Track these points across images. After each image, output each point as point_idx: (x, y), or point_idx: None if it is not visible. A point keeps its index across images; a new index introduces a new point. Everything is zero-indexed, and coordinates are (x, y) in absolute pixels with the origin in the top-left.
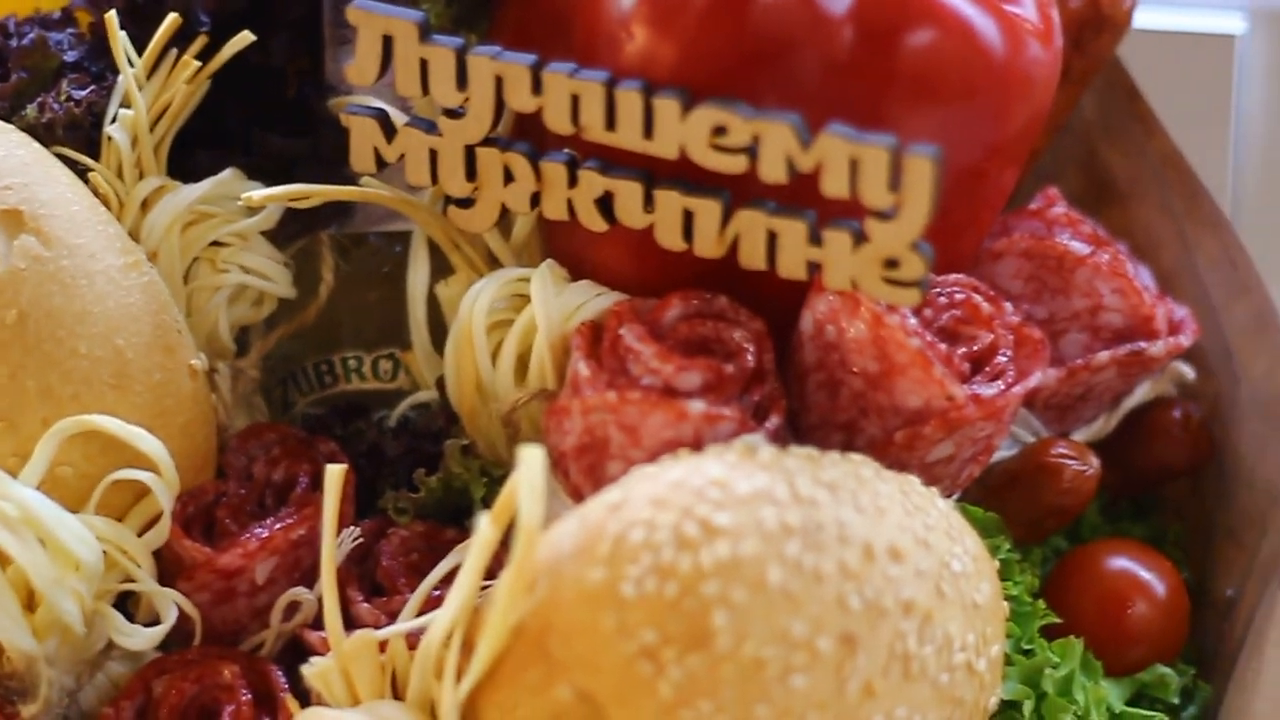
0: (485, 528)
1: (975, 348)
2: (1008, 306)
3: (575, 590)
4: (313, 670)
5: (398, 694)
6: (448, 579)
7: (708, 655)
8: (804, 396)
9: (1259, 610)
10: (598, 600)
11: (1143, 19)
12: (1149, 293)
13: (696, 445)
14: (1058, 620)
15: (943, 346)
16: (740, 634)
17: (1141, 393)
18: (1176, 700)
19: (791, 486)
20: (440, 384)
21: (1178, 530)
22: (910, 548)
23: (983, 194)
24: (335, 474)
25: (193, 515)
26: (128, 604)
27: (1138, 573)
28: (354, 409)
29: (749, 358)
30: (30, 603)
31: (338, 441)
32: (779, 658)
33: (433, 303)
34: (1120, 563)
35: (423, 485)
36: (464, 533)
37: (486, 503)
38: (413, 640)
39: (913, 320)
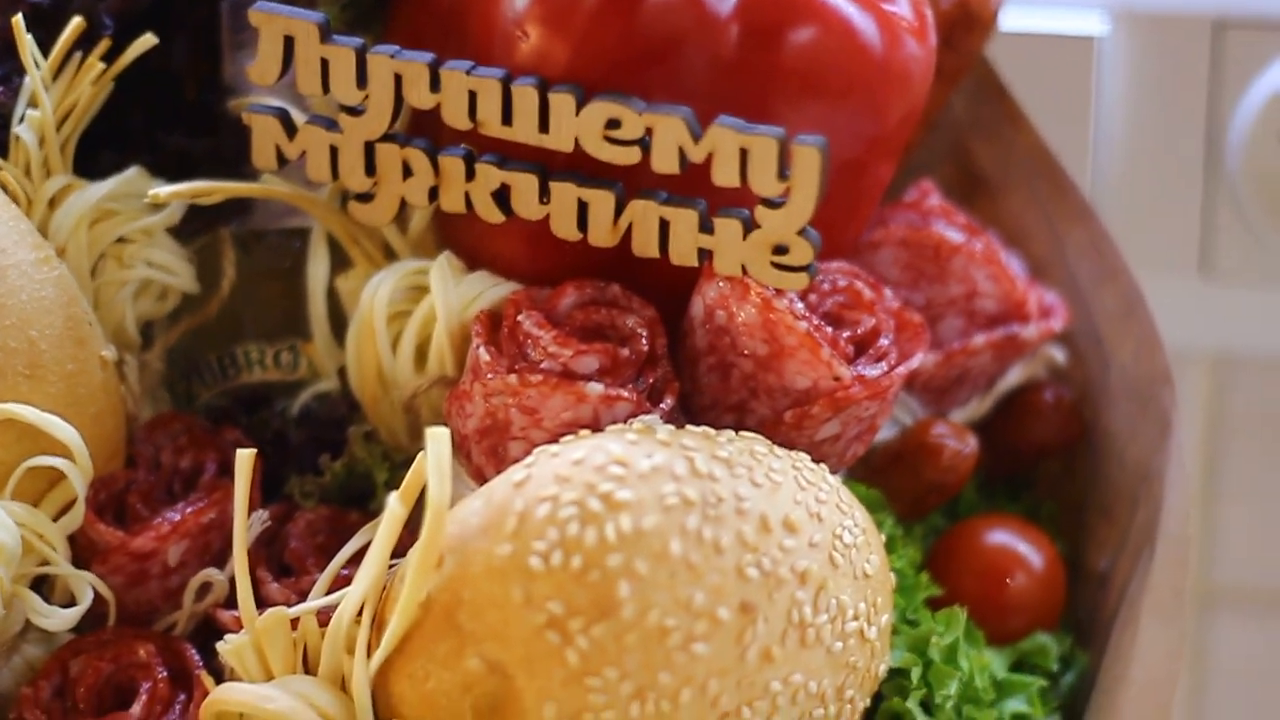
0: (394, 505)
1: (859, 331)
2: (888, 292)
3: (483, 565)
4: (227, 647)
5: (310, 669)
6: (355, 559)
7: (613, 625)
8: (696, 380)
9: (1132, 582)
10: (505, 574)
11: (1007, 20)
12: (1021, 279)
13: (595, 426)
14: (940, 592)
15: (829, 330)
16: (644, 604)
17: (1015, 376)
18: (1055, 668)
19: (690, 463)
20: (341, 373)
21: (1052, 507)
22: (804, 520)
23: (862, 186)
24: (245, 457)
25: (104, 501)
26: (43, 588)
27: (1016, 546)
28: (257, 399)
29: (643, 343)
30: None
31: (242, 430)
32: (682, 626)
33: (332, 296)
34: (999, 536)
35: (327, 470)
36: (369, 516)
37: (390, 486)
38: (323, 617)
39: (800, 305)
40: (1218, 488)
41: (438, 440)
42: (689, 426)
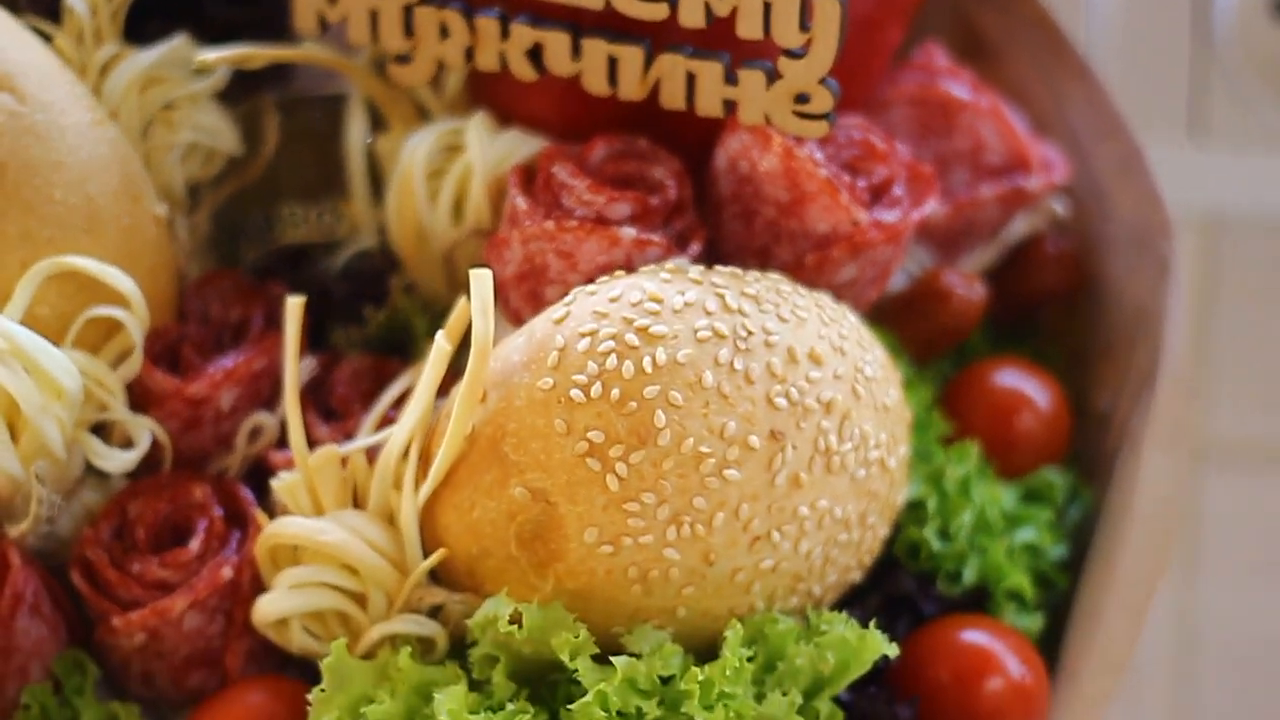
0: (441, 342)
1: (873, 180)
2: (899, 146)
3: (526, 397)
4: (281, 484)
5: (359, 505)
6: (398, 403)
7: (651, 452)
8: (720, 227)
9: (1133, 418)
10: (548, 405)
11: None
12: (1025, 135)
13: (628, 268)
14: (952, 431)
15: (846, 178)
16: (679, 432)
17: (1019, 227)
18: (1062, 501)
19: (720, 299)
20: (381, 231)
21: (1055, 352)
22: (828, 353)
23: (875, 44)
24: (295, 304)
25: (159, 352)
26: (101, 435)
27: (1023, 385)
28: (300, 258)
29: (670, 192)
30: (14, 432)
31: (287, 286)
32: (715, 453)
33: (370, 158)
34: (1007, 377)
35: (369, 321)
36: (410, 364)
37: (429, 336)
38: (371, 455)
39: (819, 153)
40: (1208, 346)
41: (481, 280)
42: (719, 267)
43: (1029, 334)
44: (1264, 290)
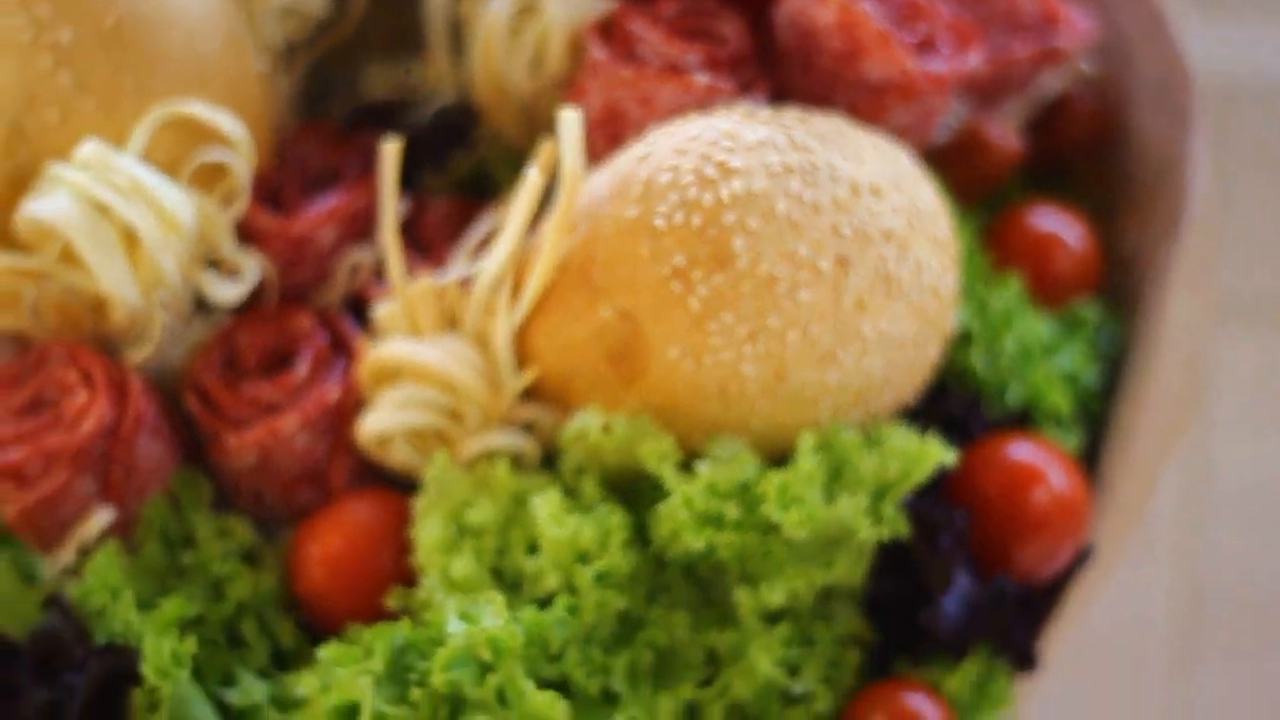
0: (533, 175)
1: (920, 35)
2: (942, 4)
3: (613, 226)
4: (382, 312)
5: (454, 332)
6: (486, 240)
7: (729, 274)
8: (781, 78)
9: (1155, 259)
10: (634, 233)
11: None
12: None
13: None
14: (993, 267)
15: (897, 32)
16: (756, 256)
17: (1049, 83)
18: (1094, 333)
19: (789, 137)
20: (463, 86)
21: (1085, 200)
22: (887, 187)
23: None
24: (391, 147)
25: (263, 195)
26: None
27: (1057, 225)
28: (386, 113)
29: (735, 44)
30: (134, 265)
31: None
32: (788, 276)
33: (451, 19)
34: (1042, 218)
35: (455, 168)
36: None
37: (511, 182)
38: (465, 287)
39: (871, 8)
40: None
41: (569, 118)
42: (786, 109)
43: (1059, 183)
44: (1273, 156)
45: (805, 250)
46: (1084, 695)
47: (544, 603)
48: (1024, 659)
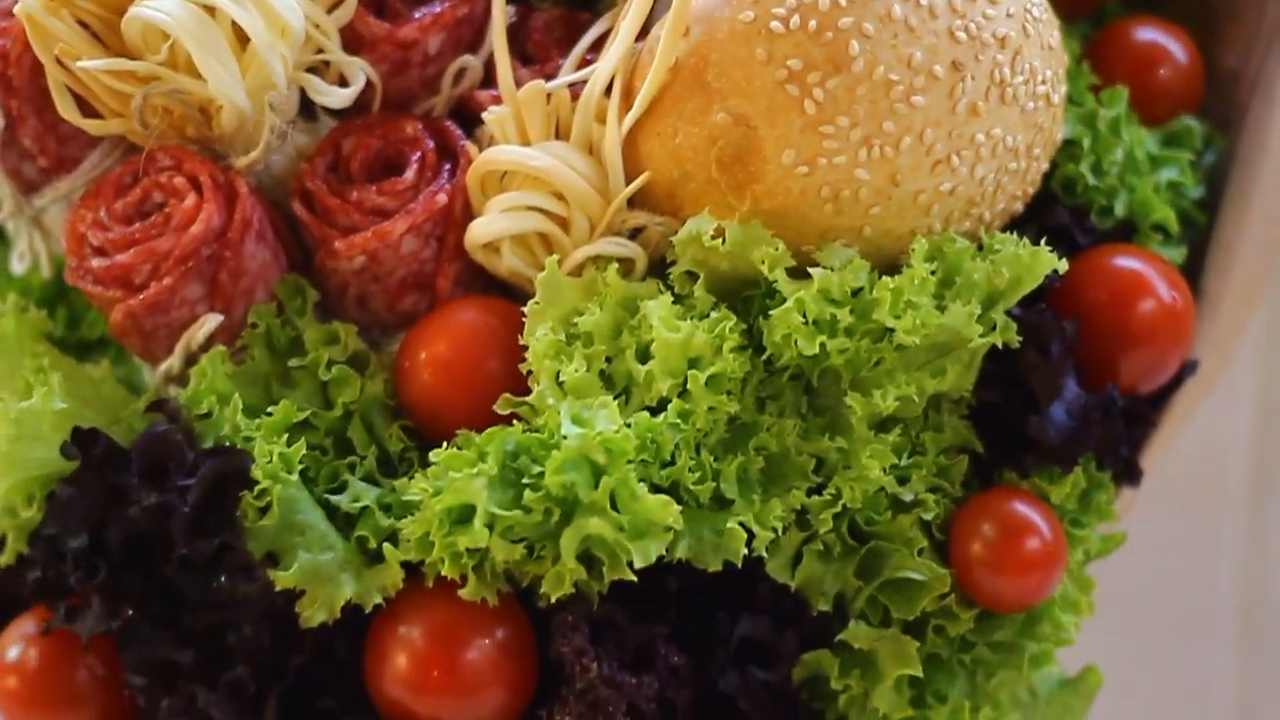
0: None
1: None
2: None
3: (728, 29)
4: (492, 116)
5: (562, 138)
6: (594, 47)
7: (845, 78)
8: None
9: (1263, 73)
10: (749, 36)
11: None
12: None
13: None
14: (1099, 81)
15: None
16: (872, 60)
17: None
18: (1198, 146)
19: None
20: None
21: (1184, 16)
22: None
23: None
24: None
25: (369, 1)
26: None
27: (1161, 39)
28: None
29: None
30: (243, 68)
31: None
32: (903, 80)
33: None
34: (1146, 32)
35: None
36: (600, 13)
37: None
38: (574, 92)
39: None
40: None
41: None
42: None
43: (1158, 4)
44: None
45: (921, 55)
46: (1163, 523)
47: (654, 409)
48: (1130, 470)
